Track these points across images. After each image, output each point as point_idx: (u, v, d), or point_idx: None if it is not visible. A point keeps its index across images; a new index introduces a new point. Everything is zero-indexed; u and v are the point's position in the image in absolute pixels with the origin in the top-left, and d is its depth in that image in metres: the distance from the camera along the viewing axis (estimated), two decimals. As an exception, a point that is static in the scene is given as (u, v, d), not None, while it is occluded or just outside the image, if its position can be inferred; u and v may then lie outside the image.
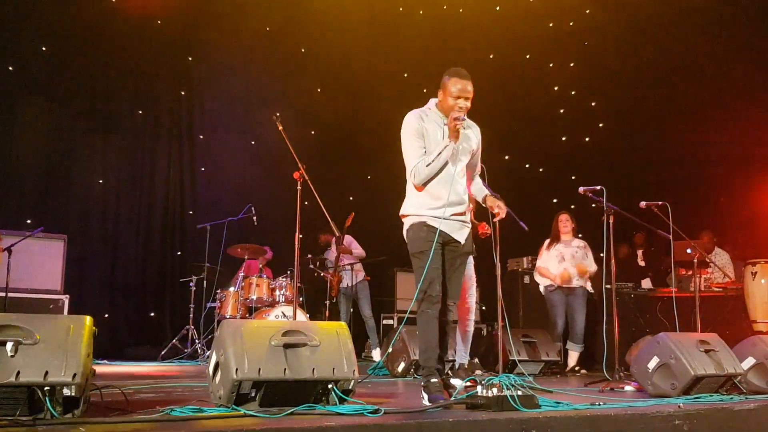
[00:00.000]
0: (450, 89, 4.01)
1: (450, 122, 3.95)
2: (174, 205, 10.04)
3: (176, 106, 10.23)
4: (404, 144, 4.10)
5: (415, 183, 4.04)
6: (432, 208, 4.02)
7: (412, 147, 4.04)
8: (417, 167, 4.00)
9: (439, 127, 4.08)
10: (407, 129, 4.08)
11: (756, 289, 7.12)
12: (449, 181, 4.00)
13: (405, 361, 6.31)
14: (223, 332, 3.31)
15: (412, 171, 4.02)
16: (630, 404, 3.83)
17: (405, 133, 4.09)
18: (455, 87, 4.00)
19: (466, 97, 4.00)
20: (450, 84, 4.02)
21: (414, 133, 4.05)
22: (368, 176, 11.30)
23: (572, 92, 12.32)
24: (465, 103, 4.00)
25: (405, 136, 4.09)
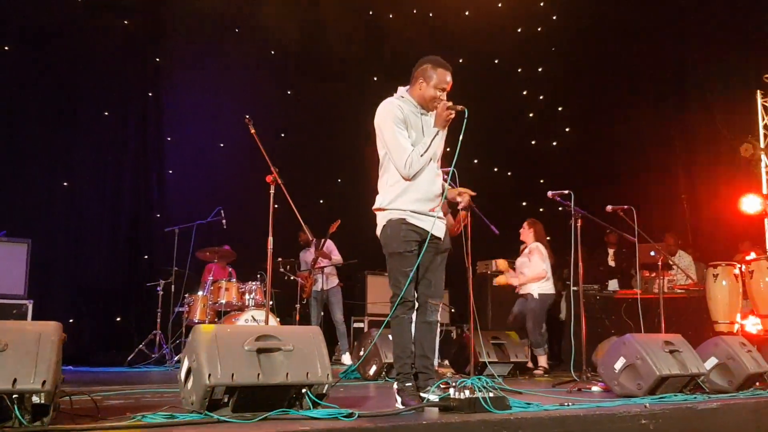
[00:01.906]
0: (437, 80, 3.92)
1: (444, 111, 3.85)
2: (141, 208, 9.92)
3: (143, 107, 10.10)
4: (388, 134, 3.92)
5: (408, 174, 3.87)
6: (412, 201, 3.90)
7: (401, 136, 3.89)
8: (412, 157, 3.84)
9: (417, 117, 3.99)
10: (389, 117, 3.92)
11: (717, 291, 7.25)
12: (431, 174, 3.96)
13: (377, 364, 6.33)
14: (195, 337, 3.29)
15: (407, 162, 3.84)
16: (598, 404, 3.91)
17: (387, 122, 3.92)
18: (444, 79, 3.94)
19: (445, 88, 3.97)
20: (437, 74, 3.93)
21: (398, 122, 3.90)
22: (338, 179, 11.31)
23: (540, 97, 12.49)
24: (444, 94, 3.97)
25: (388, 126, 3.92)
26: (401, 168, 3.88)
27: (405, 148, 3.87)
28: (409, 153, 3.86)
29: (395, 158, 3.90)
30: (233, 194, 9.73)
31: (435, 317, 4.03)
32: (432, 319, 4.00)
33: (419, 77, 4.00)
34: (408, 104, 4.01)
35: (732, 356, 5.08)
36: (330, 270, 9.13)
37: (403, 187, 3.92)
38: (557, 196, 6.06)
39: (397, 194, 3.93)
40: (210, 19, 10.28)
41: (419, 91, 4.00)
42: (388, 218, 3.95)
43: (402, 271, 3.86)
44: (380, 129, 3.99)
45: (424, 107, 4.02)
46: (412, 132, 3.96)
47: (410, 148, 3.88)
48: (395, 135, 3.90)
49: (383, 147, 4.00)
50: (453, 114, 3.89)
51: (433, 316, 4.00)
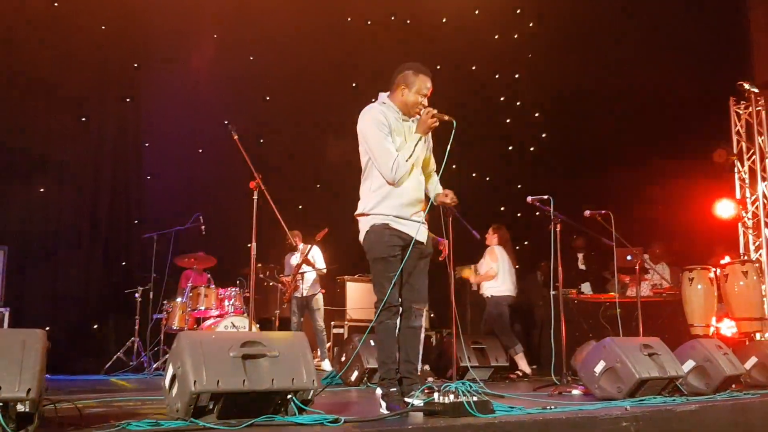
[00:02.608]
0: (420, 85, 3.98)
1: (429, 118, 3.90)
2: (119, 215, 9.83)
3: (121, 113, 10.03)
4: (372, 139, 3.93)
5: (394, 179, 3.89)
6: (395, 206, 3.93)
7: (386, 141, 3.91)
8: (398, 162, 3.87)
9: (399, 122, 4.02)
10: (374, 123, 3.94)
11: (693, 295, 7.36)
12: (414, 178, 3.99)
13: (358, 369, 6.34)
14: (181, 344, 3.28)
15: (393, 167, 3.86)
16: (579, 407, 3.96)
17: (372, 128, 3.94)
18: (425, 85, 3.99)
19: (426, 94, 4.02)
20: (419, 81, 3.98)
21: (382, 127, 3.92)
22: (317, 185, 11.31)
23: (518, 103, 12.61)
24: (425, 99, 4.02)
25: (372, 131, 3.94)
26: (387, 173, 3.90)
27: (391, 153, 3.90)
28: (395, 158, 3.88)
29: (380, 163, 3.92)
30: (212, 200, 9.69)
31: (419, 322, 4.04)
32: (417, 324, 4.01)
33: (401, 83, 4.04)
34: (390, 110, 4.04)
35: (709, 359, 5.17)
36: (312, 276, 9.12)
37: (387, 193, 3.95)
38: (537, 201, 6.12)
39: (380, 199, 3.95)
40: (188, 25, 10.24)
41: (401, 97, 4.03)
42: (371, 224, 3.97)
43: (386, 276, 3.89)
44: (363, 135, 4.01)
45: (406, 113, 4.05)
46: (396, 137, 3.98)
47: (395, 153, 3.91)
48: (380, 140, 3.92)
49: (366, 153, 4.02)
50: (437, 122, 3.93)
51: (417, 321, 4.02)
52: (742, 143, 8.76)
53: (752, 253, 8.50)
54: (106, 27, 9.77)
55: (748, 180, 8.67)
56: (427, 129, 3.96)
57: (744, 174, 8.72)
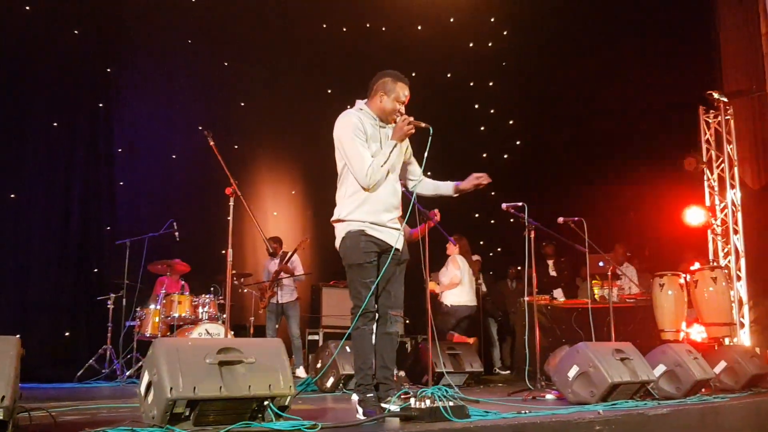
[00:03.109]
0: (398, 93, 4.02)
1: (405, 125, 3.94)
2: (91, 221, 9.69)
3: (94, 118, 9.90)
4: (347, 145, 3.95)
5: (368, 185, 3.91)
6: (371, 212, 3.95)
7: (361, 146, 3.94)
8: (373, 167, 3.89)
9: (375, 129, 4.05)
10: (349, 129, 3.96)
11: (664, 300, 7.45)
12: (390, 185, 4.01)
13: (334, 376, 6.35)
14: (156, 351, 3.26)
15: (368, 172, 3.88)
16: (553, 412, 4.01)
17: (347, 134, 3.96)
18: (403, 92, 4.03)
19: (404, 102, 4.06)
20: (398, 88, 4.02)
21: (358, 133, 3.95)
22: (293, 191, 11.30)
23: (491, 111, 12.73)
24: (402, 107, 4.06)
25: (348, 137, 3.96)
26: (361, 178, 3.92)
27: (365, 159, 3.92)
28: (370, 163, 3.91)
29: (355, 168, 3.94)
30: (186, 206, 9.63)
31: (395, 328, 4.07)
32: (393, 330, 4.04)
33: (379, 90, 4.07)
34: (367, 116, 4.07)
35: (679, 363, 5.25)
36: (289, 284, 9.12)
37: (362, 199, 3.97)
38: (511, 208, 6.18)
39: (356, 205, 3.97)
40: (162, 30, 10.18)
41: (379, 104, 4.06)
42: (347, 230, 3.99)
43: (362, 282, 3.91)
44: (339, 140, 4.03)
45: (383, 120, 4.09)
46: (372, 144, 4.01)
47: (370, 158, 3.93)
48: (355, 145, 3.94)
49: (342, 158, 4.04)
50: (413, 129, 3.97)
51: (393, 327, 4.04)
52: (711, 151, 8.93)
53: (721, 260, 8.64)
54: (79, 31, 9.68)
55: (717, 188, 8.83)
56: (403, 136, 4.00)
57: (713, 182, 8.88)
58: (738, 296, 8.32)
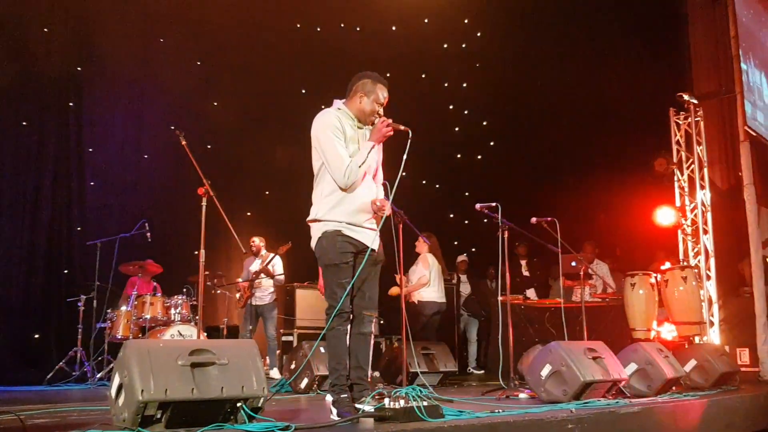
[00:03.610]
0: (377, 94, 4.02)
1: (384, 127, 3.95)
2: (61, 221, 9.59)
3: (64, 117, 9.80)
4: (325, 143, 3.94)
5: (345, 185, 3.90)
6: (348, 212, 3.94)
7: (340, 146, 3.92)
8: (351, 168, 3.88)
9: (353, 129, 4.04)
10: (328, 128, 3.95)
11: (635, 299, 7.49)
12: (367, 186, 4.01)
13: (308, 377, 6.32)
14: (127, 352, 3.22)
15: (345, 172, 3.87)
16: (526, 411, 4.03)
17: (326, 133, 3.95)
18: (382, 94, 4.04)
19: (383, 104, 4.07)
20: (378, 90, 4.03)
21: (335, 132, 3.93)
22: (266, 192, 11.24)
23: (465, 111, 12.78)
24: (381, 109, 4.06)
25: (326, 135, 3.94)
26: (339, 178, 3.91)
27: (343, 158, 3.91)
28: (348, 163, 3.90)
29: (333, 168, 3.93)
30: (158, 207, 9.57)
31: (370, 328, 4.06)
32: (367, 331, 4.03)
33: (359, 91, 4.06)
34: (345, 116, 4.06)
35: (650, 362, 5.31)
36: (268, 285, 9.10)
37: (339, 198, 3.96)
38: (485, 209, 6.21)
39: (333, 205, 3.96)
40: (133, 28, 10.09)
41: (358, 105, 4.06)
42: (323, 230, 3.98)
43: (338, 282, 3.90)
44: (317, 139, 4.01)
45: (362, 120, 4.09)
46: (351, 144, 4.00)
47: (349, 158, 3.92)
48: (334, 145, 3.93)
49: (319, 158, 4.02)
50: (392, 131, 3.98)
51: (368, 327, 4.04)
52: (681, 153, 9.03)
53: (691, 259, 8.75)
54: (49, 30, 9.55)
55: (688, 188, 8.93)
56: (381, 138, 4.00)
57: (683, 182, 8.98)
58: (708, 295, 8.43)
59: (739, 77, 7.73)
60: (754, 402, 5.62)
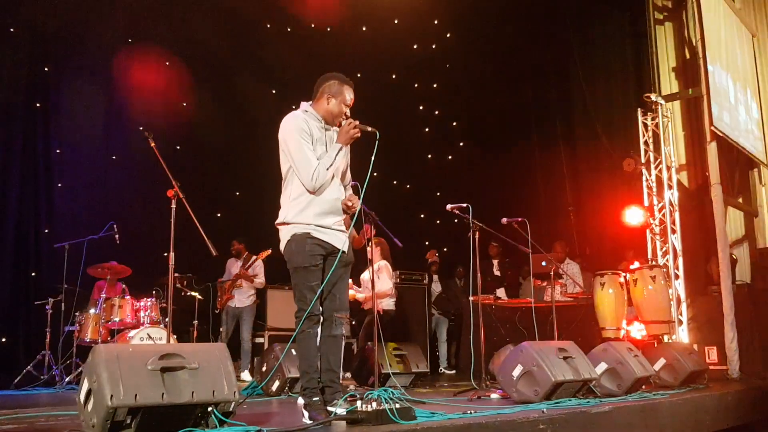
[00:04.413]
0: (345, 96, 4.03)
1: (351, 128, 3.95)
2: (28, 223, 9.43)
3: (31, 118, 9.63)
4: (293, 146, 3.92)
5: (313, 187, 3.89)
6: (316, 215, 3.92)
7: (307, 149, 3.91)
8: (319, 171, 3.87)
9: (320, 131, 4.03)
10: (295, 131, 3.94)
11: (605, 299, 7.57)
12: (335, 188, 4.00)
13: (279, 379, 6.29)
14: (96, 357, 3.18)
15: (313, 175, 3.86)
16: (498, 411, 4.05)
17: (293, 136, 3.93)
18: (349, 95, 4.05)
19: (349, 105, 4.07)
20: (345, 91, 4.04)
21: (304, 135, 3.93)
22: (237, 193, 11.17)
23: (436, 112, 12.83)
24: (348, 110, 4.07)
25: (293, 138, 3.93)
26: (307, 181, 3.90)
27: (310, 161, 3.90)
28: (316, 166, 3.89)
29: (301, 171, 3.91)
30: (127, 208, 9.46)
31: (341, 330, 4.06)
32: (338, 333, 4.03)
33: (325, 92, 4.06)
34: (312, 118, 4.05)
35: (620, 361, 5.36)
36: (248, 288, 9.13)
37: (307, 201, 3.94)
38: (456, 209, 6.23)
39: (301, 208, 3.94)
40: (102, 28, 9.96)
41: (325, 106, 4.06)
42: (292, 233, 3.97)
43: (308, 285, 3.89)
44: (285, 142, 3.99)
45: (329, 122, 4.08)
46: (318, 146, 4.00)
47: (316, 161, 3.92)
48: (301, 147, 3.92)
49: (287, 161, 4.00)
50: (359, 133, 3.97)
51: (338, 329, 4.03)
52: (649, 153, 9.14)
53: (660, 259, 8.85)
54: (15, 29, 9.39)
55: (656, 188, 9.04)
56: (349, 139, 4.00)
57: (651, 182, 9.09)
58: (676, 294, 8.53)
59: (706, 78, 7.84)
60: (723, 400, 5.71)
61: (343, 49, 11.32)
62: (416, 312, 10.13)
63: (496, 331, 8.41)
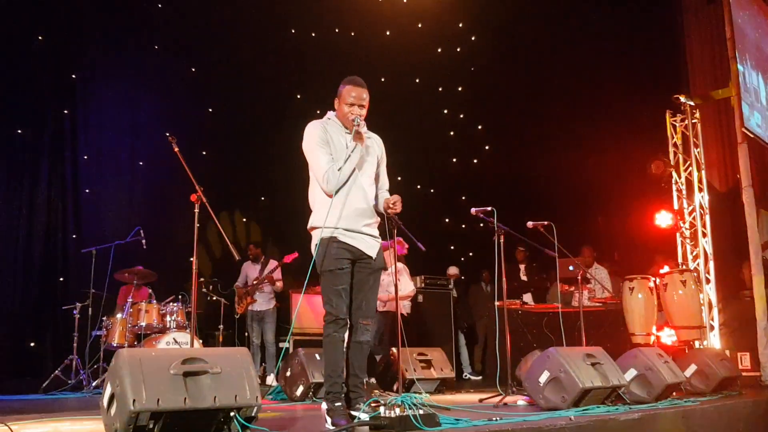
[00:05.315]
0: (345, 97, 4.05)
1: (350, 126, 4.01)
2: (56, 229, 9.54)
3: (59, 124, 9.75)
4: (311, 153, 4.04)
5: (328, 190, 3.95)
6: (343, 218, 3.94)
7: (322, 153, 3.99)
8: (329, 173, 3.94)
9: (342, 136, 4.08)
10: (312, 138, 4.04)
11: (634, 304, 7.46)
12: (360, 190, 4.00)
13: (303, 384, 6.26)
14: (119, 362, 3.18)
15: (324, 177, 3.94)
16: (524, 418, 3.97)
17: (310, 143, 4.04)
18: (350, 94, 4.04)
19: (360, 105, 4.04)
20: (345, 92, 4.06)
21: (319, 141, 4.01)
22: (262, 197, 11.20)
23: (461, 115, 12.76)
24: (360, 110, 4.04)
25: (311, 145, 4.03)
26: (322, 184, 3.98)
27: (321, 165, 3.98)
28: (327, 169, 3.95)
29: (316, 175, 4.02)
30: (153, 214, 9.51)
31: (366, 337, 4.04)
32: (363, 339, 4.01)
33: (336, 98, 4.15)
34: (333, 125, 4.13)
35: (650, 367, 5.26)
36: (269, 291, 9.16)
37: (332, 205, 3.96)
38: (480, 213, 6.16)
39: (327, 212, 3.96)
40: (128, 35, 10.06)
41: (339, 111, 4.14)
42: (319, 236, 3.99)
43: (333, 289, 3.89)
44: (304, 150, 4.10)
45: (346, 126, 4.13)
46: (341, 152, 4.03)
47: (327, 164, 3.97)
48: (315, 153, 4.01)
49: (309, 168, 4.10)
50: (359, 127, 4.00)
51: (364, 335, 4.02)
52: (678, 155, 9.00)
53: (690, 263, 8.71)
54: (43, 37, 9.51)
55: (685, 191, 8.90)
56: (356, 136, 4.03)
57: (681, 185, 8.95)
58: (707, 299, 8.39)
59: (736, 79, 7.70)
60: (757, 407, 5.59)
61: (368, 53, 11.31)
62: (441, 317, 10.06)
63: (523, 336, 8.32)
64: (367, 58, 11.17)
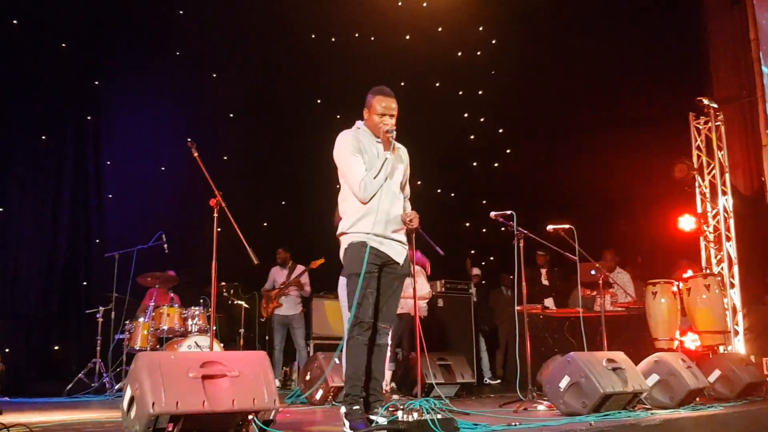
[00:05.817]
0: (375, 107, 4.08)
1: (382, 135, 4.03)
2: (80, 234, 9.66)
3: (82, 131, 9.87)
4: (344, 161, 4.08)
5: (364, 197, 3.99)
6: (373, 224, 3.98)
7: (356, 162, 4.03)
8: (365, 181, 3.98)
9: (373, 145, 4.13)
10: (345, 147, 4.08)
11: (656, 309, 7.38)
12: (390, 197, 4.04)
13: (323, 388, 6.27)
14: (138, 365, 3.21)
15: (361, 185, 3.98)
16: (544, 424, 3.95)
17: (343, 151, 4.08)
18: (380, 104, 4.08)
19: (390, 114, 4.09)
20: (375, 102, 4.09)
21: (353, 150, 4.05)
22: (282, 202, 11.24)
23: (481, 119, 12.73)
24: (390, 120, 4.08)
25: (344, 154, 4.08)
26: (357, 191, 4.01)
27: (358, 173, 4.01)
28: (363, 177, 3.99)
29: (351, 183, 4.04)
30: (175, 218, 9.57)
31: (385, 340, 4.07)
32: (382, 342, 4.03)
33: (366, 108, 4.18)
34: (364, 134, 4.17)
35: (673, 372, 5.20)
36: (295, 296, 9.23)
37: (363, 211, 4.03)
38: (500, 217, 6.14)
39: (358, 218, 4.04)
40: (150, 42, 10.16)
41: (369, 121, 4.17)
42: (349, 241, 4.06)
43: (361, 292, 3.91)
44: (337, 159, 4.14)
45: (377, 135, 4.15)
46: (374, 160, 4.07)
47: (363, 172, 4.01)
48: (349, 161, 4.05)
49: (342, 176, 4.14)
50: (391, 136, 4.03)
51: (383, 339, 4.04)
52: (702, 158, 8.90)
53: (714, 267, 8.61)
54: (67, 44, 9.64)
55: (709, 194, 8.80)
56: (387, 145, 4.06)
57: (705, 188, 8.85)
58: (732, 304, 8.28)
59: (760, 81, 7.62)
60: (781, 413, 5.49)
61: (387, 57, 11.31)
62: (461, 321, 10.03)
63: (544, 341, 8.26)
64: (386, 63, 11.18)
